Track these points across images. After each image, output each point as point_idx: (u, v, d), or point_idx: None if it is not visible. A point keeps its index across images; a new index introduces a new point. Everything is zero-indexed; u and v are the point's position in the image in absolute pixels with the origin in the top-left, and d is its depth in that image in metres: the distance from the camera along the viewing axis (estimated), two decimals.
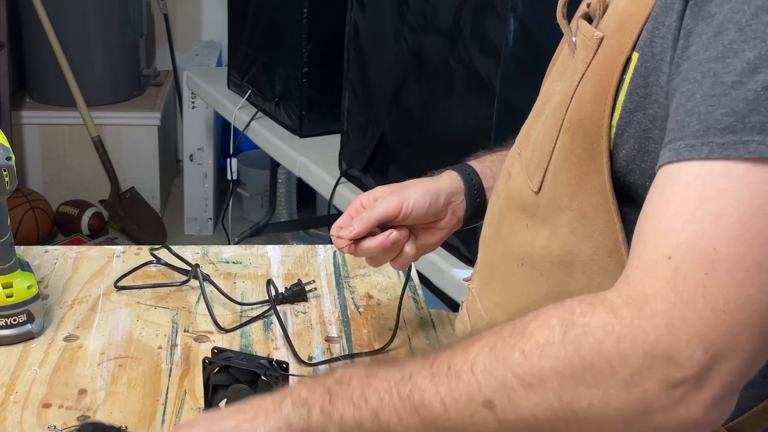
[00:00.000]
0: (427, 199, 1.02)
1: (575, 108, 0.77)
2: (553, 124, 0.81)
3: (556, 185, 0.80)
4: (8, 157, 1.01)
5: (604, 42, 0.75)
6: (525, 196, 0.86)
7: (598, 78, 0.75)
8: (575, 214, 0.78)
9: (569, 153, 0.78)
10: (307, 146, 2.49)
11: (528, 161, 0.87)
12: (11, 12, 3.33)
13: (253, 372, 0.93)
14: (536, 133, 0.86)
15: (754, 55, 0.60)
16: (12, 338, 1.09)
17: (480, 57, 1.65)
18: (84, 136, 3.41)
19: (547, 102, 0.87)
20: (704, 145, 0.61)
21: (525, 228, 0.86)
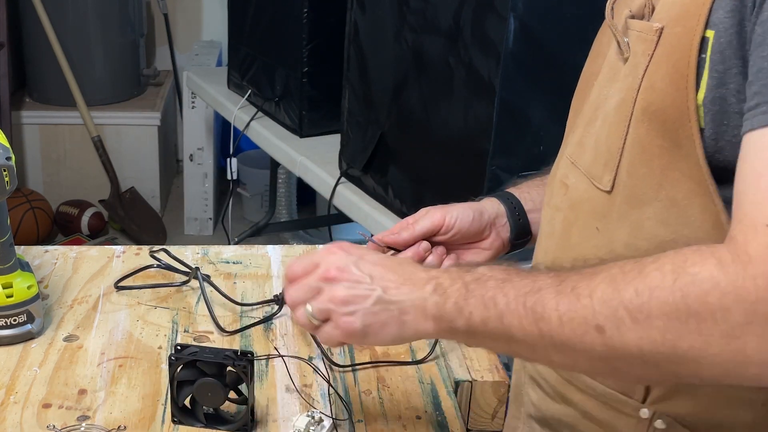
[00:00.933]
0: (470, 214, 1.03)
1: (648, 99, 0.77)
2: (618, 121, 0.81)
3: (635, 180, 0.80)
4: (8, 157, 1.01)
5: (666, 31, 0.76)
6: (595, 200, 0.85)
7: (671, 64, 0.75)
8: (664, 204, 0.78)
9: (647, 144, 0.78)
10: (307, 146, 2.49)
11: (590, 165, 0.86)
12: (11, 12, 3.33)
13: (220, 364, 0.93)
14: (594, 138, 0.86)
15: None
16: (12, 338, 1.09)
17: (480, 57, 1.65)
18: (84, 136, 3.41)
19: (599, 108, 0.86)
20: None
21: (596, 232, 0.85)
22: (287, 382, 1.05)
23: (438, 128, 1.80)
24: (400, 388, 1.05)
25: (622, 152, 0.80)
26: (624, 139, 0.80)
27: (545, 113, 1.66)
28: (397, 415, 1.00)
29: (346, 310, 0.80)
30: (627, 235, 0.82)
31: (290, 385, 1.04)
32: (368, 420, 0.99)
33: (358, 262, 0.82)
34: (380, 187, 2.05)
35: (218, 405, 0.96)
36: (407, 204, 1.93)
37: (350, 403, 1.01)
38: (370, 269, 0.81)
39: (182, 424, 0.97)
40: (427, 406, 1.02)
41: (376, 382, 1.06)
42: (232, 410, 0.99)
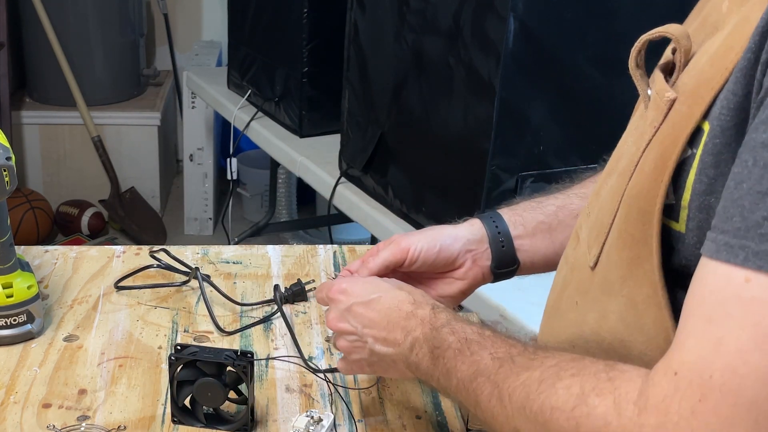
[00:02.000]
0: (437, 245, 0.96)
1: (635, 179, 0.70)
2: (615, 193, 0.74)
3: (609, 265, 0.74)
4: (8, 157, 1.01)
5: (675, 106, 0.67)
6: (583, 270, 0.79)
7: (662, 149, 0.67)
8: (625, 302, 0.72)
9: (623, 231, 0.71)
10: (307, 146, 2.49)
11: (591, 229, 0.79)
12: (11, 12, 3.33)
13: (219, 364, 0.93)
14: (603, 196, 0.78)
15: None
16: (12, 338, 1.09)
17: (480, 57, 1.65)
18: (84, 136, 3.41)
19: (619, 161, 0.78)
20: (741, 248, 0.57)
21: (575, 306, 0.81)
22: (287, 382, 1.05)
23: (438, 128, 1.80)
24: (400, 388, 1.05)
25: (609, 230, 0.74)
26: (613, 217, 0.73)
27: (545, 113, 1.66)
28: (397, 415, 1.00)
29: (353, 358, 0.91)
30: (594, 321, 0.77)
31: (290, 385, 1.04)
32: (368, 420, 0.99)
33: (347, 314, 0.90)
34: (380, 187, 2.05)
35: (218, 405, 0.96)
36: (407, 204, 1.93)
37: (350, 403, 1.01)
38: (358, 320, 0.89)
39: (182, 424, 0.97)
40: (427, 406, 1.02)
41: (376, 382, 1.06)
42: (232, 410, 0.99)
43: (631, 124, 0.80)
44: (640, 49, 0.73)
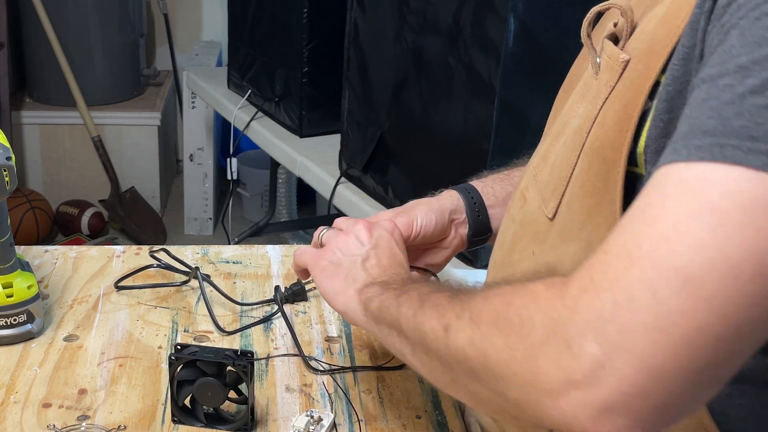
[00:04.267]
0: (433, 217, 1.01)
1: (596, 133, 0.74)
2: (572, 148, 0.78)
3: (570, 213, 0.78)
4: (8, 157, 1.01)
5: (630, 65, 0.72)
6: (539, 223, 0.83)
7: (622, 103, 0.72)
8: (583, 245, 0.75)
9: (585, 180, 0.75)
10: (307, 146, 2.49)
11: (544, 186, 0.84)
12: (11, 12, 3.33)
13: (220, 364, 0.93)
14: (554, 156, 0.84)
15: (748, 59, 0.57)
16: (12, 338, 1.09)
17: (480, 57, 1.65)
18: (84, 136, 3.41)
19: (567, 124, 0.83)
20: (684, 147, 0.58)
21: (531, 255, 0.84)
22: (287, 381, 1.05)
23: (438, 128, 1.80)
24: (400, 388, 1.05)
25: (568, 182, 0.78)
26: (572, 169, 0.78)
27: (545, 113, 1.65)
28: (397, 415, 1.00)
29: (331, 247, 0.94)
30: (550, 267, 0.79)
31: (290, 385, 1.04)
32: (368, 420, 0.99)
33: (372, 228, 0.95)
34: (380, 187, 2.05)
35: (218, 405, 0.96)
36: None
37: (350, 403, 1.01)
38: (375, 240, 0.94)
39: (182, 423, 0.97)
40: (427, 405, 1.02)
41: (376, 382, 1.06)
42: (232, 410, 0.99)
43: (576, 92, 0.85)
44: (590, 20, 0.79)
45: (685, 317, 0.55)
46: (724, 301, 0.54)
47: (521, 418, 0.66)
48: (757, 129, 0.55)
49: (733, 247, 0.54)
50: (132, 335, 1.13)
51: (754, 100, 0.56)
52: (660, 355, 0.55)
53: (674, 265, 0.55)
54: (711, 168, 0.56)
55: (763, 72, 0.56)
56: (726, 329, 0.55)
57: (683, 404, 0.58)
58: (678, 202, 0.57)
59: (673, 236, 0.56)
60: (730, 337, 0.55)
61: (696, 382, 0.56)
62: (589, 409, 0.57)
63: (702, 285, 0.54)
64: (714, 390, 0.59)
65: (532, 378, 0.60)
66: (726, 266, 0.54)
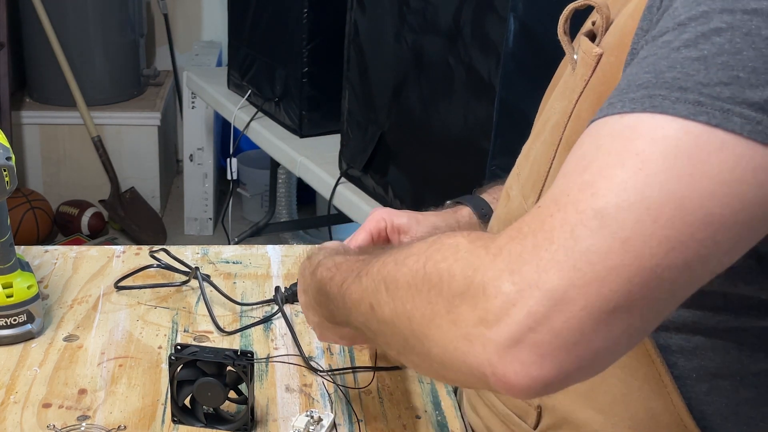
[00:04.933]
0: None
1: (573, 127, 0.75)
2: (550, 143, 0.79)
3: None
4: (8, 157, 1.01)
5: (603, 59, 0.74)
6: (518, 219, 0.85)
7: (596, 95, 0.73)
8: None
9: None
10: (307, 146, 2.49)
11: (525, 182, 0.85)
12: (11, 12, 3.33)
13: (220, 364, 0.93)
14: (534, 153, 0.85)
15: (686, 17, 0.58)
16: (12, 338, 1.09)
17: (480, 57, 1.65)
18: (84, 136, 3.41)
19: (547, 122, 0.85)
20: (619, 101, 0.59)
21: None
22: (287, 382, 1.05)
23: (438, 128, 1.80)
24: (400, 388, 1.05)
25: (547, 177, 0.79)
26: (550, 164, 0.78)
27: None
28: (397, 415, 1.00)
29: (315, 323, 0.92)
30: None
31: (290, 385, 1.04)
32: (368, 420, 0.99)
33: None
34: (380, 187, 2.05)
35: (218, 405, 0.96)
36: (407, 204, 1.93)
37: (350, 403, 1.01)
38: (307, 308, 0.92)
39: (182, 423, 0.97)
40: (427, 406, 1.02)
41: (376, 382, 1.06)
42: (232, 410, 0.99)
43: (556, 91, 0.86)
44: (567, 17, 0.80)
45: (599, 256, 0.54)
46: (640, 243, 0.54)
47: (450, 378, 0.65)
48: (686, 80, 0.56)
49: (653, 191, 0.54)
50: (132, 335, 1.13)
51: (686, 53, 0.57)
52: (570, 292, 0.55)
53: (593, 206, 0.55)
54: (641, 118, 0.57)
55: (698, 27, 0.57)
56: (640, 272, 0.54)
57: (595, 349, 0.56)
58: (607, 151, 0.57)
59: (598, 181, 0.56)
60: (645, 281, 0.55)
61: (607, 324, 0.55)
62: (498, 346, 0.57)
63: (618, 225, 0.54)
64: (631, 339, 0.58)
65: (453, 327, 0.59)
66: (644, 207, 0.54)
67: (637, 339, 0.58)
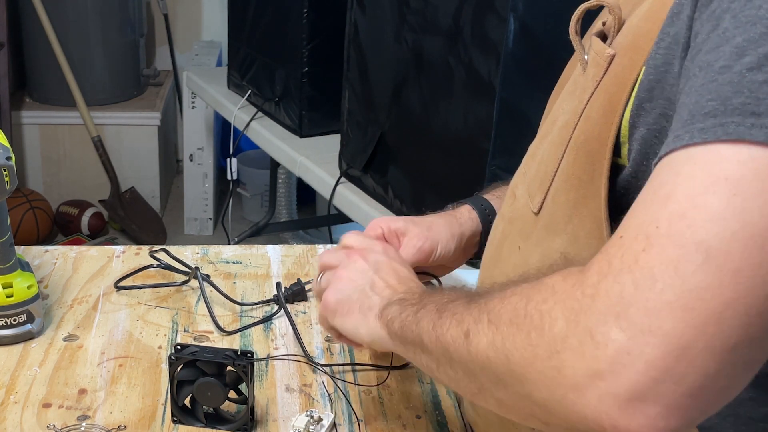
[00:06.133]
0: (453, 245, 1.01)
1: (582, 127, 0.75)
2: (558, 143, 0.79)
3: (555, 207, 0.78)
4: (8, 157, 1.01)
5: (615, 60, 0.73)
6: (525, 218, 0.84)
7: (607, 96, 0.72)
8: (569, 239, 0.75)
9: (570, 174, 0.75)
10: (307, 146, 2.49)
11: (531, 181, 0.85)
12: (11, 12, 3.33)
13: (220, 364, 0.93)
14: (541, 153, 0.84)
15: (743, 39, 0.57)
16: (12, 338, 1.09)
17: (480, 57, 1.65)
18: (84, 136, 3.41)
19: (555, 122, 0.84)
20: (687, 132, 0.57)
21: (517, 250, 0.84)
22: (287, 381, 1.05)
23: (438, 128, 1.80)
24: (400, 388, 1.05)
25: (554, 177, 0.78)
26: (558, 164, 0.78)
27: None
28: (397, 415, 1.00)
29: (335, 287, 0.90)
30: (538, 261, 0.80)
31: (290, 385, 1.04)
32: (368, 420, 0.99)
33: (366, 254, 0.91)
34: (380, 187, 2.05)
35: (218, 405, 0.96)
36: (407, 204, 1.93)
37: (350, 403, 1.01)
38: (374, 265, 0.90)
39: (182, 423, 0.97)
40: (427, 406, 1.02)
41: (376, 382, 1.06)
42: (232, 410, 0.99)
43: (564, 91, 0.85)
44: (579, 17, 0.79)
45: (711, 292, 0.52)
46: (752, 273, 0.52)
47: (552, 422, 0.63)
48: (758, 105, 0.54)
49: (753, 216, 0.53)
50: (132, 335, 1.13)
51: (752, 77, 0.55)
52: (688, 334, 0.52)
53: (694, 239, 0.53)
54: (716, 147, 0.55)
55: (759, 49, 0.56)
56: (757, 302, 0.52)
57: (719, 388, 0.55)
58: (690, 178, 0.55)
59: (690, 211, 0.54)
60: (762, 311, 0.53)
61: (730, 362, 0.53)
62: (618, 399, 0.54)
63: (726, 257, 0.52)
64: (751, 372, 0.56)
65: (557, 374, 0.58)
66: (748, 235, 0.52)
67: (755, 370, 0.56)
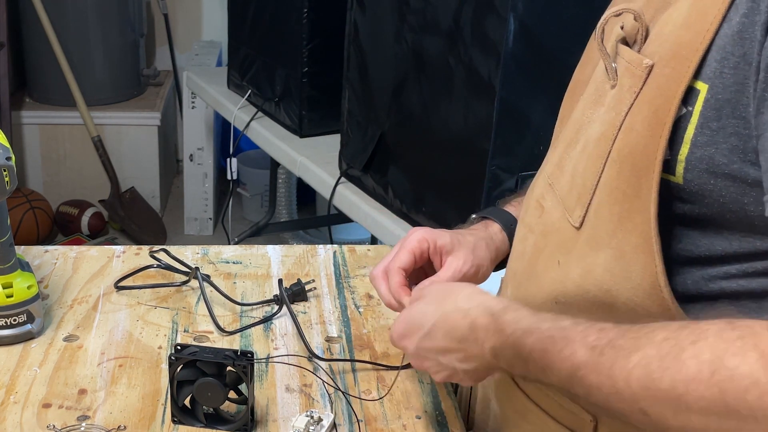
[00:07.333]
0: (491, 270, 1.02)
1: (624, 140, 0.74)
2: (597, 156, 0.78)
3: (599, 221, 0.77)
4: (8, 157, 1.01)
5: (655, 70, 0.72)
6: (564, 232, 0.83)
7: (653, 109, 0.71)
8: (614, 253, 0.75)
9: (614, 188, 0.75)
10: (307, 146, 2.49)
11: (565, 194, 0.84)
12: (11, 12, 3.33)
13: (219, 364, 0.93)
14: (573, 164, 0.83)
15: None
16: (12, 338, 1.09)
17: (480, 57, 1.65)
18: (84, 136, 3.41)
19: (581, 131, 0.83)
20: None
21: (557, 265, 0.83)
22: (287, 382, 1.05)
23: (438, 128, 1.80)
24: (400, 388, 1.05)
25: (595, 190, 0.78)
26: (599, 177, 0.77)
27: (545, 113, 1.66)
28: (397, 415, 1.00)
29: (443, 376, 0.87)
30: (579, 276, 0.80)
31: (290, 385, 1.04)
32: (368, 420, 0.99)
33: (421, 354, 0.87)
34: (380, 187, 2.05)
35: (218, 405, 0.96)
36: (407, 204, 1.93)
37: (350, 403, 1.01)
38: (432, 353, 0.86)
39: (182, 424, 0.97)
40: (427, 406, 1.02)
41: (376, 382, 1.06)
42: (232, 410, 0.99)
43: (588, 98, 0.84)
44: (602, 26, 0.79)
45: None
46: None
47: None
48: None
49: None
50: (132, 335, 1.13)
51: None
52: None
53: None
54: None
55: None
56: None
57: None
58: None
59: None
60: None
61: None
62: None
63: None
64: None
65: None
66: None
67: None
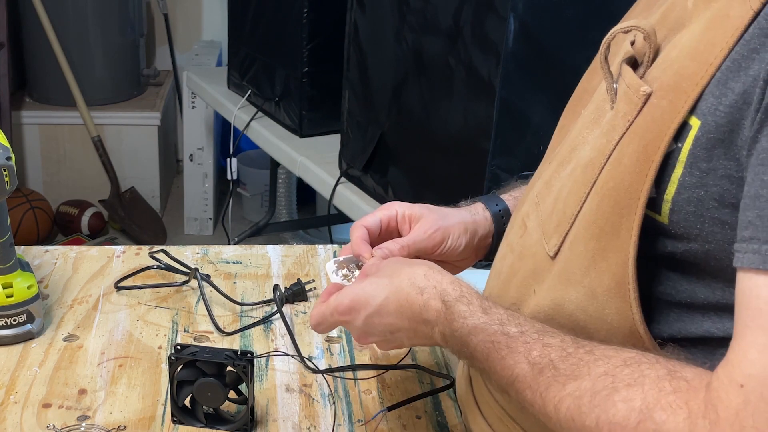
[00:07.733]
0: (464, 241, 0.97)
1: (611, 172, 0.69)
2: (582, 183, 0.73)
3: (573, 256, 0.73)
4: (8, 157, 1.01)
5: (652, 100, 0.67)
6: (538, 258, 0.79)
7: (643, 143, 0.66)
8: (585, 293, 0.72)
9: (591, 222, 0.71)
10: (307, 146, 2.49)
11: (546, 218, 0.79)
12: (11, 12, 3.33)
13: (220, 364, 0.93)
14: (559, 186, 0.79)
15: None
16: (12, 338, 1.09)
17: (480, 57, 1.65)
18: (84, 136, 3.41)
19: (575, 150, 0.78)
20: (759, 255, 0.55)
21: (532, 294, 0.80)
22: (287, 382, 1.05)
23: (438, 128, 1.80)
24: (400, 388, 1.05)
25: (574, 221, 0.73)
26: (580, 207, 0.73)
27: (545, 113, 1.66)
28: (397, 415, 1.00)
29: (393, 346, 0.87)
30: (550, 309, 0.76)
31: (290, 385, 1.04)
32: (368, 420, 0.99)
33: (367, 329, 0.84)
34: (380, 187, 2.05)
35: (218, 405, 0.96)
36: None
37: (350, 403, 1.01)
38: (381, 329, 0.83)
39: (182, 424, 0.97)
40: (427, 406, 1.02)
41: (376, 382, 1.06)
42: (232, 410, 0.99)
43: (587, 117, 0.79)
44: (608, 42, 0.73)
45: None
46: None
47: None
48: None
49: None
50: (132, 335, 1.13)
51: None
52: None
53: None
54: None
55: None
56: None
57: None
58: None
59: None
60: None
61: None
62: None
63: None
64: None
65: None
66: None
67: None
